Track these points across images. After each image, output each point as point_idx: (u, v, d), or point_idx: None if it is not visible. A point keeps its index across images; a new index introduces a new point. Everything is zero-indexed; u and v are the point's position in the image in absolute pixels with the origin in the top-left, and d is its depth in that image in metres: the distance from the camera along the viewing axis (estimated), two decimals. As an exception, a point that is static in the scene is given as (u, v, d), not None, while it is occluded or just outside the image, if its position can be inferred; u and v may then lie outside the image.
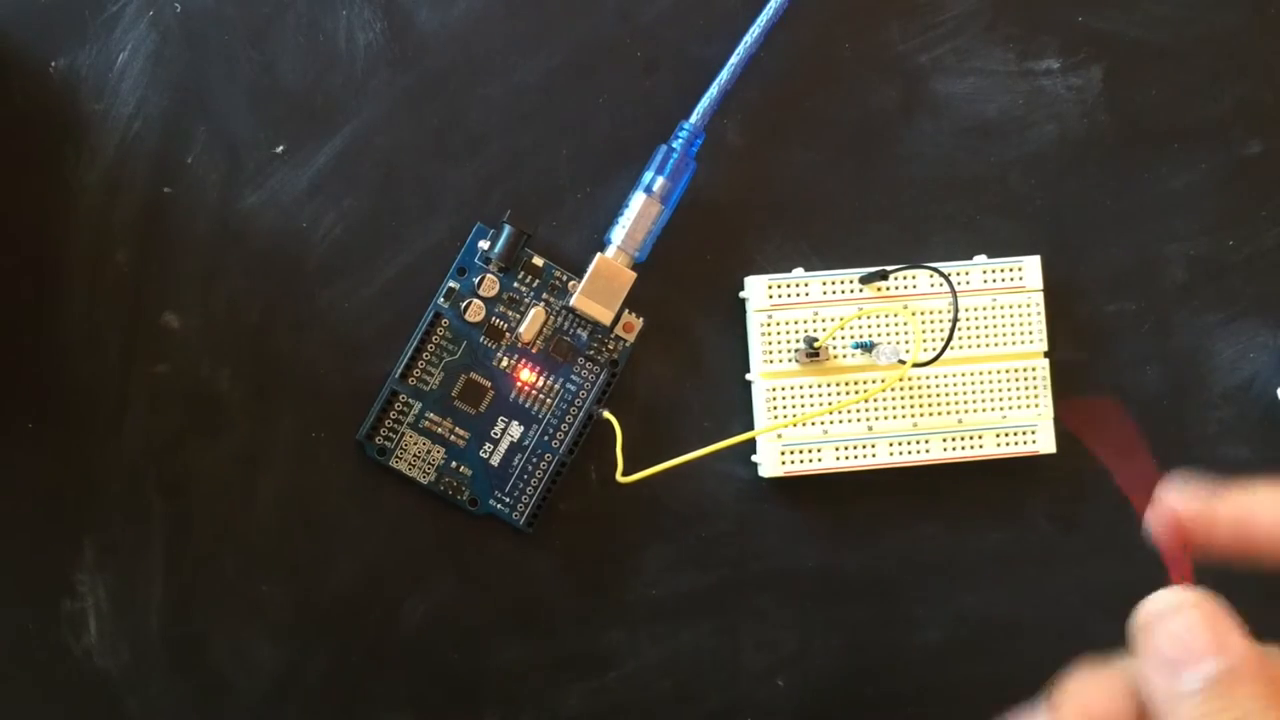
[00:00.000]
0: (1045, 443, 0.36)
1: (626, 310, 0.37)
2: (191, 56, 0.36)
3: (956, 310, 0.36)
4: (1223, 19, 0.38)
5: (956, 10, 0.38)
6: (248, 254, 0.36)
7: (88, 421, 0.36)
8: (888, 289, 0.36)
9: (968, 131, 0.38)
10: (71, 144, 0.36)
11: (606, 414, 0.36)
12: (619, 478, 0.35)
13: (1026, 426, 0.36)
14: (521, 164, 0.37)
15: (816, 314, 0.36)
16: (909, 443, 0.36)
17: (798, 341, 0.36)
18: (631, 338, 0.37)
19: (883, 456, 0.36)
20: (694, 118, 0.36)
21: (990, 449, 0.36)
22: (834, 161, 0.38)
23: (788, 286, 0.36)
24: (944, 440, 0.36)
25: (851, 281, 0.36)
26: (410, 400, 0.36)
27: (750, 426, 0.37)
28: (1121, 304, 0.38)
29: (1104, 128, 0.38)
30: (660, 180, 0.36)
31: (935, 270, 0.36)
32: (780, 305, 0.36)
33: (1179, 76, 0.38)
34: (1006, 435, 0.36)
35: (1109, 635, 0.38)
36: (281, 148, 0.36)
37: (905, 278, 0.36)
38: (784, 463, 0.36)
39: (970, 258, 0.37)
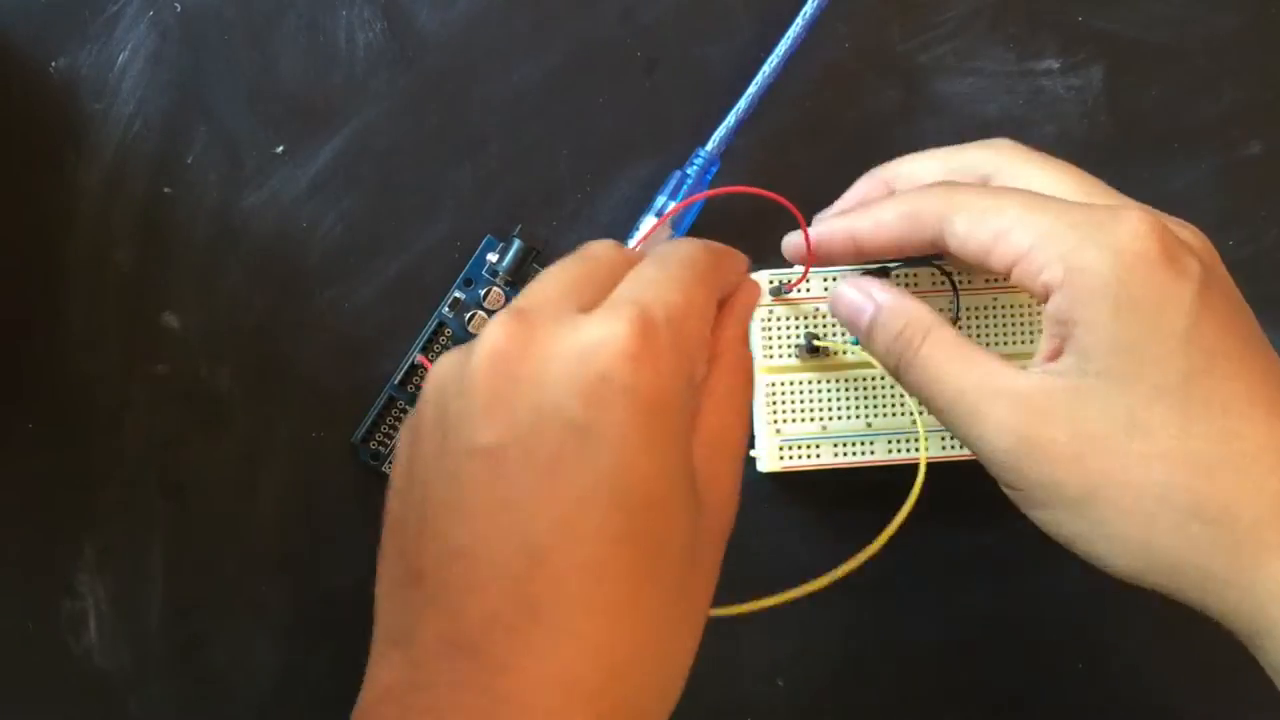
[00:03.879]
0: None
1: None
2: (191, 56, 0.36)
3: (958, 309, 0.36)
4: (1223, 19, 0.38)
5: (956, 10, 0.38)
6: (248, 254, 0.36)
7: (88, 421, 0.36)
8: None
9: (968, 131, 0.38)
10: (71, 144, 0.36)
11: None
12: None
13: None
14: (521, 164, 0.37)
15: (818, 310, 0.36)
16: (908, 440, 0.36)
17: (798, 337, 0.36)
18: None
19: (881, 454, 0.36)
20: (710, 145, 0.36)
21: None
22: (834, 161, 0.38)
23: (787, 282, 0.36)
24: (943, 439, 0.36)
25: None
26: (408, 407, 0.36)
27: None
28: (1121, 304, 0.38)
29: (1104, 128, 0.38)
30: (672, 205, 0.36)
31: (938, 268, 0.36)
32: (781, 301, 0.36)
33: (1179, 76, 0.38)
34: None
35: (1109, 635, 0.38)
36: (281, 148, 0.36)
37: (907, 275, 0.36)
38: (782, 457, 0.36)
39: (970, 258, 0.37)
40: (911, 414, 0.36)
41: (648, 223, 0.36)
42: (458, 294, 0.36)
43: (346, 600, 0.37)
